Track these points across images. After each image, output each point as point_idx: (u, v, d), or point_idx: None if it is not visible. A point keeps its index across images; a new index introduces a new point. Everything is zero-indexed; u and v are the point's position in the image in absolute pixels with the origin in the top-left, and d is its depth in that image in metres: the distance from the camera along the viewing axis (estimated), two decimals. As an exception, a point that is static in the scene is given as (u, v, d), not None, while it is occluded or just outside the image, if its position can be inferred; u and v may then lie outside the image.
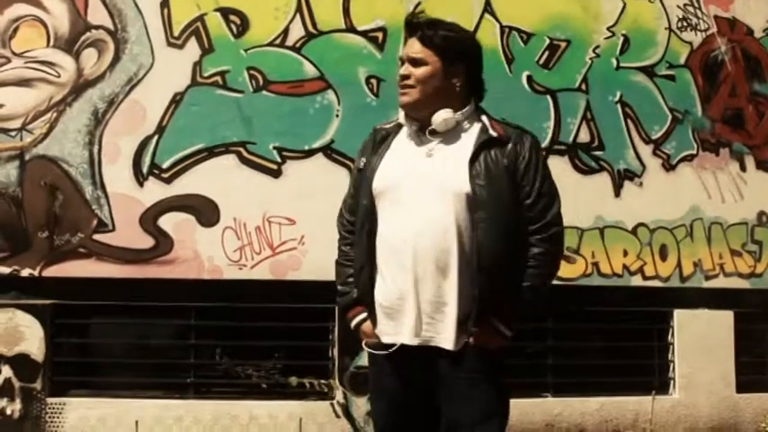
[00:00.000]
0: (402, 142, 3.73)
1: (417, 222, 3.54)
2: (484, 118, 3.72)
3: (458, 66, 3.68)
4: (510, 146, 3.62)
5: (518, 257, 3.59)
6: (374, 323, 3.69)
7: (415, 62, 3.65)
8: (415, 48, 3.66)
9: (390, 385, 3.69)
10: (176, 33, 7.31)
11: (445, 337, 3.54)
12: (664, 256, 7.97)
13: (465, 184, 3.54)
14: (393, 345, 3.62)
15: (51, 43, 7.16)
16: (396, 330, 3.61)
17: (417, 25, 3.71)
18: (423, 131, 3.67)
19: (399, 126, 3.78)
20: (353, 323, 3.79)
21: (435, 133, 3.65)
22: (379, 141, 3.77)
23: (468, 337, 3.53)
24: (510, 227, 3.56)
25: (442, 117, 3.61)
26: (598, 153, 7.94)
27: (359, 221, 3.73)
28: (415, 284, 3.54)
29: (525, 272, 3.59)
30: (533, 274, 3.62)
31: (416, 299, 3.55)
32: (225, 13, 7.38)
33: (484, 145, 3.60)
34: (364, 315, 3.73)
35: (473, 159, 3.57)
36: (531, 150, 3.66)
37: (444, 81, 3.65)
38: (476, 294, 3.52)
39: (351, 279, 3.78)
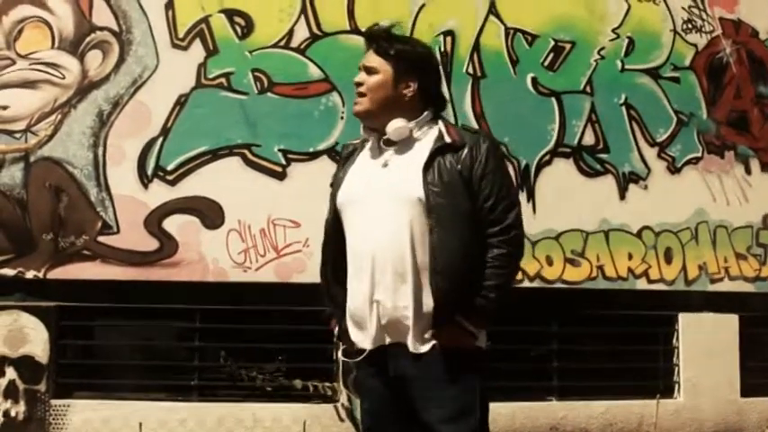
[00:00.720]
0: (365, 155, 3.80)
1: (375, 231, 3.62)
2: (440, 124, 3.76)
3: (410, 75, 3.72)
4: (465, 151, 3.63)
5: (476, 260, 3.60)
6: (341, 334, 3.82)
7: (369, 71, 3.73)
8: (369, 58, 3.75)
9: (372, 386, 3.76)
10: (181, 35, 7.31)
11: (408, 341, 3.60)
12: (669, 260, 7.97)
13: (419, 190, 3.57)
14: (362, 351, 3.71)
15: (56, 45, 7.15)
16: (364, 337, 3.69)
17: (375, 36, 3.80)
18: (387, 143, 3.74)
19: (365, 141, 3.84)
20: (335, 333, 3.90)
21: (391, 144, 3.71)
22: (346, 157, 3.88)
23: (432, 338, 3.59)
24: (465, 231, 3.57)
25: (394, 126, 3.67)
26: (603, 155, 7.93)
27: (331, 238, 3.83)
28: (374, 291, 3.62)
29: (486, 272, 3.60)
30: (495, 273, 3.62)
31: (377, 305, 3.62)
32: (229, 14, 7.38)
33: (438, 151, 3.63)
34: (336, 330, 3.88)
35: (427, 166, 3.60)
36: (488, 154, 3.65)
37: (395, 90, 3.71)
38: (434, 297, 3.56)
39: (334, 299, 3.90)
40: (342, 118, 7.43)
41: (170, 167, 7.19)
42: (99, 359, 7.42)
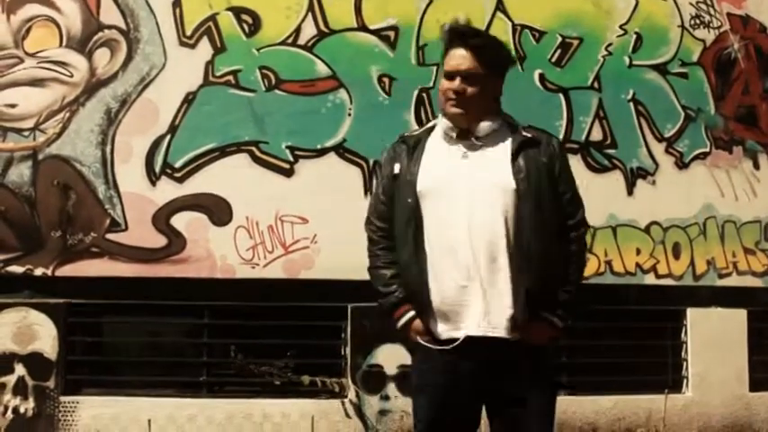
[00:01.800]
0: (436, 146, 3.87)
1: (468, 219, 3.68)
2: (510, 120, 3.92)
3: (498, 78, 3.89)
4: (543, 145, 3.83)
5: (559, 252, 3.78)
6: (426, 321, 3.78)
7: (467, 78, 3.78)
8: (467, 63, 3.78)
9: (438, 381, 3.77)
10: (188, 33, 7.33)
11: (503, 329, 3.67)
12: (677, 255, 7.95)
13: (510, 180, 3.71)
14: (451, 340, 3.71)
15: (64, 43, 7.18)
16: (455, 326, 3.71)
17: (464, 35, 3.85)
18: (460, 136, 3.82)
19: (428, 131, 3.93)
20: (401, 322, 3.85)
21: (466, 139, 3.81)
22: (413, 146, 3.89)
23: (522, 330, 3.69)
24: (552, 222, 3.76)
25: (487, 126, 3.81)
26: (611, 151, 7.92)
27: (402, 224, 3.83)
28: (471, 279, 3.67)
29: (568, 267, 3.80)
30: (574, 268, 3.85)
31: (475, 292, 3.67)
32: (237, 12, 7.39)
33: (522, 145, 3.79)
34: (412, 313, 3.81)
35: (514, 158, 3.76)
36: (561, 151, 3.92)
37: (489, 93, 3.85)
38: (528, 285, 3.67)
39: (393, 280, 3.87)
40: (349, 115, 7.44)
41: (178, 164, 7.21)
42: (108, 356, 7.45)
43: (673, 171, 8.06)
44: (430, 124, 4.01)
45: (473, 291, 3.67)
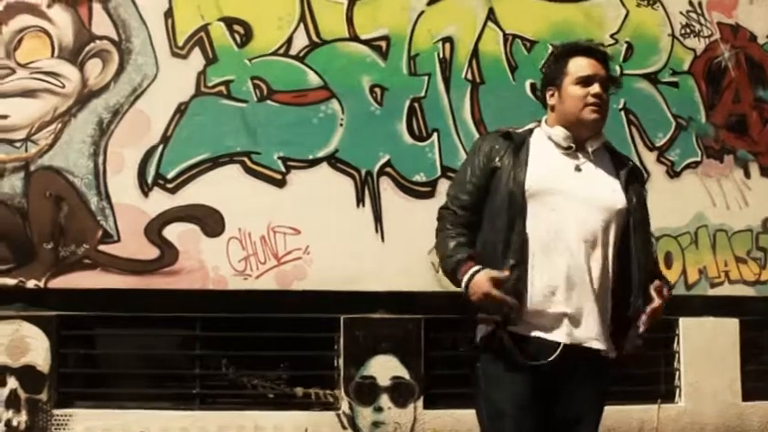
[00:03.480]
0: (545, 151, 3.91)
1: (576, 229, 3.75)
2: (610, 145, 4.06)
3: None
4: (639, 174, 4.10)
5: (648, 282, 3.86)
6: (513, 320, 3.73)
7: (603, 85, 3.88)
8: (603, 71, 3.91)
9: (515, 379, 3.75)
10: (180, 43, 7.32)
11: (597, 340, 3.75)
12: (668, 264, 7.96)
13: (623, 203, 3.83)
14: (539, 342, 3.72)
15: (56, 54, 7.16)
16: (547, 329, 3.74)
17: (601, 52, 3.99)
18: (571, 147, 3.89)
19: (529, 132, 3.98)
20: (469, 274, 3.77)
21: (576, 152, 3.89)
22: (519, 144, 3.91)
23: (614, 345, 3.81)
24: (649, 247, 3.93)
25: (602, 140, 3.95)
26: (602, 160, 7.92)
27: (501, 218, 3.80)
28: (572, 286, 3.72)
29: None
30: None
31: (575, 300, 3.72)
32: (229, 22, 7.39)
33: (630, 174, 3.94)
34: (477, 267, 3.77)
35: (626, 186, 3.89)
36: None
37: None
38: (636, 304, 3.78)
39: (462, 246, 3.87)
40: (341, 125, 7.44)
41: (170, 175, 7.19)
42: (100, 368, 7.44)
43: (664, 180, 8.07)
44: (529, 126, 4.04)
45: (571, 296, 3.72)
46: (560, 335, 3.71)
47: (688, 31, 8.33)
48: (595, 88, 3.83)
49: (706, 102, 8.31)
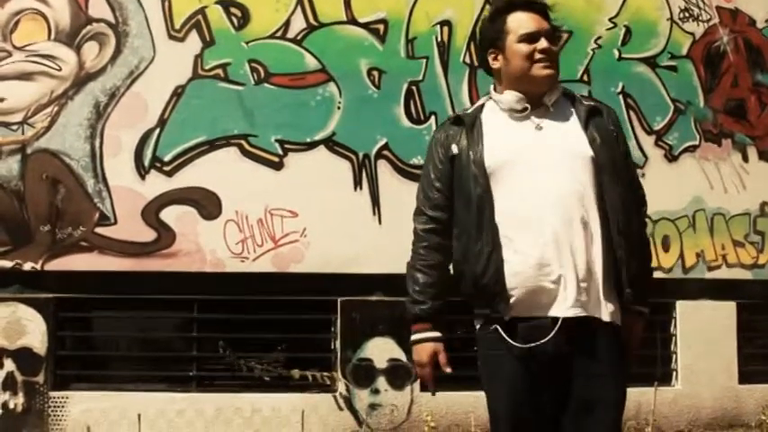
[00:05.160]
0: (498, 122, 3.63)
1: (551, 190, 3.45)
2: (565, 89, 3.71)
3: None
4: (605, 114, 3.65)
5: (638, 226, 3.62)
6: (502, 309, 3.44)
7: (552, 37, 3.62)
8: (545, 23, 3.61)
9: (516, 370, 3.45)
10: (177, 26, 7.31)
11: (599, 308, 3.42)
12: (666, 247, 7.96)
13: (587, 149, 3.50)
14: (535, 328, 3.42)
15: (52, 37, 7.16)
16: (539, 306, 3.42)
17: (541, 4, 3.68)
18: (526, 108, 3.58)
19: (479, 109, 3.69)
20: (415, 337, 3.60)
21: (535, 109, 3.58)
22: (470, 124, 3.64)
23: (614, 309, 3.44)
24: (629, 194, 3.57)
25: (558, 92, 3.62)
26: (600, 144, 7.91)
27: (468, 206, 3.54)
28: (560, 251, 3.41)
29: (641, 244, 3.61)
30: (647, 245, 3.69)
31: (568, 267, 3.40)
32: (226, 5, 7.39)
33: (590, 113, 3.59)
34: (431, 334, 3.58)
35: (585, 127, 3.56)
36: (618, 120, 3.73)
37: None
38: (622, 257, 3.44)
39: (426, 288, 3.61)
40: (339, 108, 7.44)
41: (167, 158, 7.20)
42: (97, 350, 7.46)
43: (662, 164, 8.08)
44: (479, 102, 3.72)
45: (562, 264, 3.39)
46: (556, 310, 3.38)
47: (687, 15, 8.32)
48: (543, 43, 3.55)
49: (704, 86, 8.31)
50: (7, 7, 7.14)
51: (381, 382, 7.27)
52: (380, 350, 7.29)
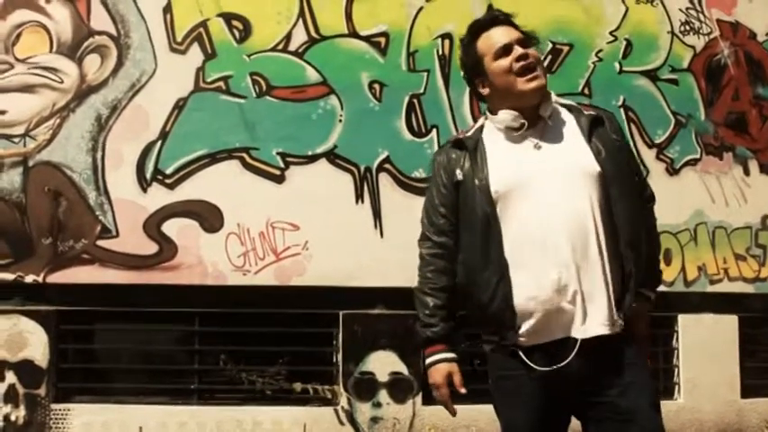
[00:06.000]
0: (498, 144, 3.58)
1: (559, 210, 3.41)
2: (562, 100, 3.67)
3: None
4: (606, 121, 3.59)
5: (648, 233, 3.60)
6: (511, 337, 3.43)
7: (524, 43, 3.56)
8: (514, 33, 3.56)
9: (534, 391, 3.44)
10: (179, 39, 7.33)
11: (613, 322, 3.40)
12: (668, 261, 7.94)
13: (593, 163, 3.45)
14: (549, 347, 3.40)
15: (54, 49, 7.17)
16: (559, 327, 3.39)
17: (503, 16, 3.65)
18: (523, 124, 3.53)
19: (480, 131, 3.64)
20: (430, 360, 3.57)
21: (531, 127, 3.52)
22: (473, 150, 3.59)
23: (623, 319, 3.42)
24: (637, 199, 3.57)
25: (551, 101, 3.57)
26: (601, 157, 7.91)
27: (475, 232, 3.50)
28: (574, 273, 3.38)
29: (650, 246, 3.59)
30: (657, 245, 3.73)
31: (582, 286, 3.38)
32: (227, 18, 7.40)
33: (593, 124, 3.54)
34: (445, 355, 3.55)
35: (589, 139, 3.51)
36: (620, 126, 3.68)
37: None
38: (630, 270, 3.42)
39: (437, 311, 3.57)
40: (340, 121, 7.44)
41: (169, 171, 7.20)
42: (99, 363, 7.44)
43: (663, 177, 8.06)
44: (478, 124, 3.68)
45: (578, 283, 3.37)
46: (574, 330, 3.37)
47: (688, 28, 8.32)
48: (517, 50, 3.49)
49: (705, 99, 8.30)
50: (9, 20, 7.16)
51: (383, 396, 7.25)
52: (382, 363, 7.27)
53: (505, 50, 3.52)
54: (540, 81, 3.50)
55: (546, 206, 3.41)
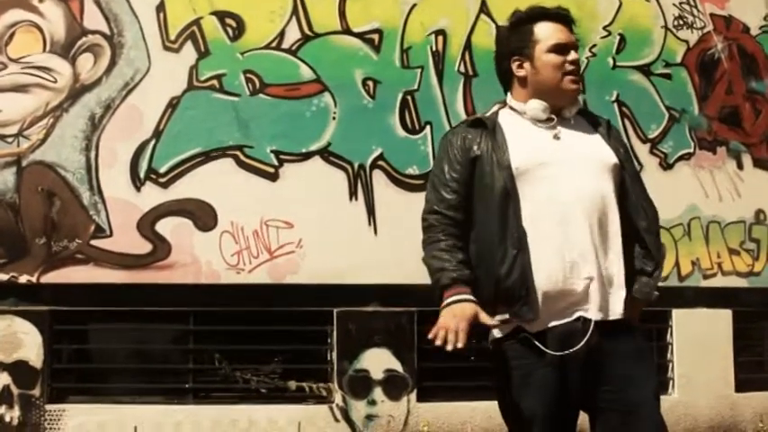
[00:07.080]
0: (518, 128, 3.64)
1: (578, 192, 3.48)
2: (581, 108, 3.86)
3: None
4: (614, 131, 3.77)
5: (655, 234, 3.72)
6: (525, 312, 3.42)
7: (577, 49, 3.69)
8: (572, 36, 3.69)
9: (547, 378, 3.43)
10: (172, 37, 7.31)
11: (621, 306, 3.48)
12: (661, 256, 7.95)
13: (611, 155, 3.60)
14: (565, 329, 3.43)
15: (47, 48, 7.15)
16: (571, 308, 3.44)
17: (570, 17, 3.73)
18: (552, 118, 3.63)
19: (496, 115, 3.71)
20: (458, 297, 3.42)
21: (552, 120, 3.64)
22: (492, 130, 3.63)
23: (629, 307, 3.52)
24: (646, 196, 3.71)
25: (579, 105, 3.74)
26: (595, 153, 7.92)
27: (493, 206, 3.51)
28: (592, 253, 3.44)
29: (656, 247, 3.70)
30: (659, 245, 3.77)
31: (596, 268, 3.44)
32: (221, 16, 7.38)
33: (610, 127, 3.75)
34: (473, 298, 3.43)
35: (609, 138, 3.68)
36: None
37: None
38: (652, 255, 3.60)
39: (461, 262, 3.49)
40: (334, 118, 7.43)
41: (162, 170, 7.19)
42: (93, 363, 7.43)
43: (657, 172, 8.07)
44: (493, 109, 3.75)
45: (592, 265, 3.43)
46: (587, 311, 3.42)
47: (681, 22, 8.33)
48: (573, 55, 3.60)
49: (699, 93, 8.31)
50: (2, 19, 7.13)
51: (378, 393, 7.26)
52: (377, 361, 7.28)
53: (562, 49, 3.62)
54: (580, 87, 3.69)
55: (565, 186, 3.49)
